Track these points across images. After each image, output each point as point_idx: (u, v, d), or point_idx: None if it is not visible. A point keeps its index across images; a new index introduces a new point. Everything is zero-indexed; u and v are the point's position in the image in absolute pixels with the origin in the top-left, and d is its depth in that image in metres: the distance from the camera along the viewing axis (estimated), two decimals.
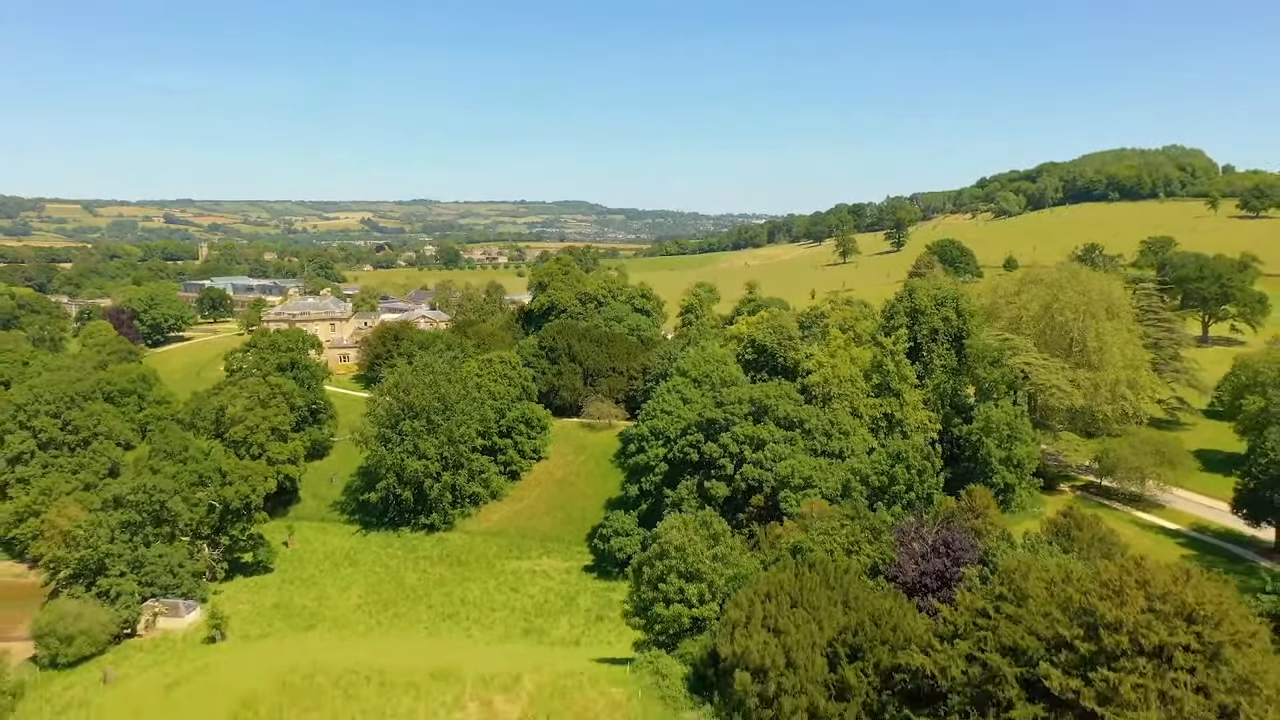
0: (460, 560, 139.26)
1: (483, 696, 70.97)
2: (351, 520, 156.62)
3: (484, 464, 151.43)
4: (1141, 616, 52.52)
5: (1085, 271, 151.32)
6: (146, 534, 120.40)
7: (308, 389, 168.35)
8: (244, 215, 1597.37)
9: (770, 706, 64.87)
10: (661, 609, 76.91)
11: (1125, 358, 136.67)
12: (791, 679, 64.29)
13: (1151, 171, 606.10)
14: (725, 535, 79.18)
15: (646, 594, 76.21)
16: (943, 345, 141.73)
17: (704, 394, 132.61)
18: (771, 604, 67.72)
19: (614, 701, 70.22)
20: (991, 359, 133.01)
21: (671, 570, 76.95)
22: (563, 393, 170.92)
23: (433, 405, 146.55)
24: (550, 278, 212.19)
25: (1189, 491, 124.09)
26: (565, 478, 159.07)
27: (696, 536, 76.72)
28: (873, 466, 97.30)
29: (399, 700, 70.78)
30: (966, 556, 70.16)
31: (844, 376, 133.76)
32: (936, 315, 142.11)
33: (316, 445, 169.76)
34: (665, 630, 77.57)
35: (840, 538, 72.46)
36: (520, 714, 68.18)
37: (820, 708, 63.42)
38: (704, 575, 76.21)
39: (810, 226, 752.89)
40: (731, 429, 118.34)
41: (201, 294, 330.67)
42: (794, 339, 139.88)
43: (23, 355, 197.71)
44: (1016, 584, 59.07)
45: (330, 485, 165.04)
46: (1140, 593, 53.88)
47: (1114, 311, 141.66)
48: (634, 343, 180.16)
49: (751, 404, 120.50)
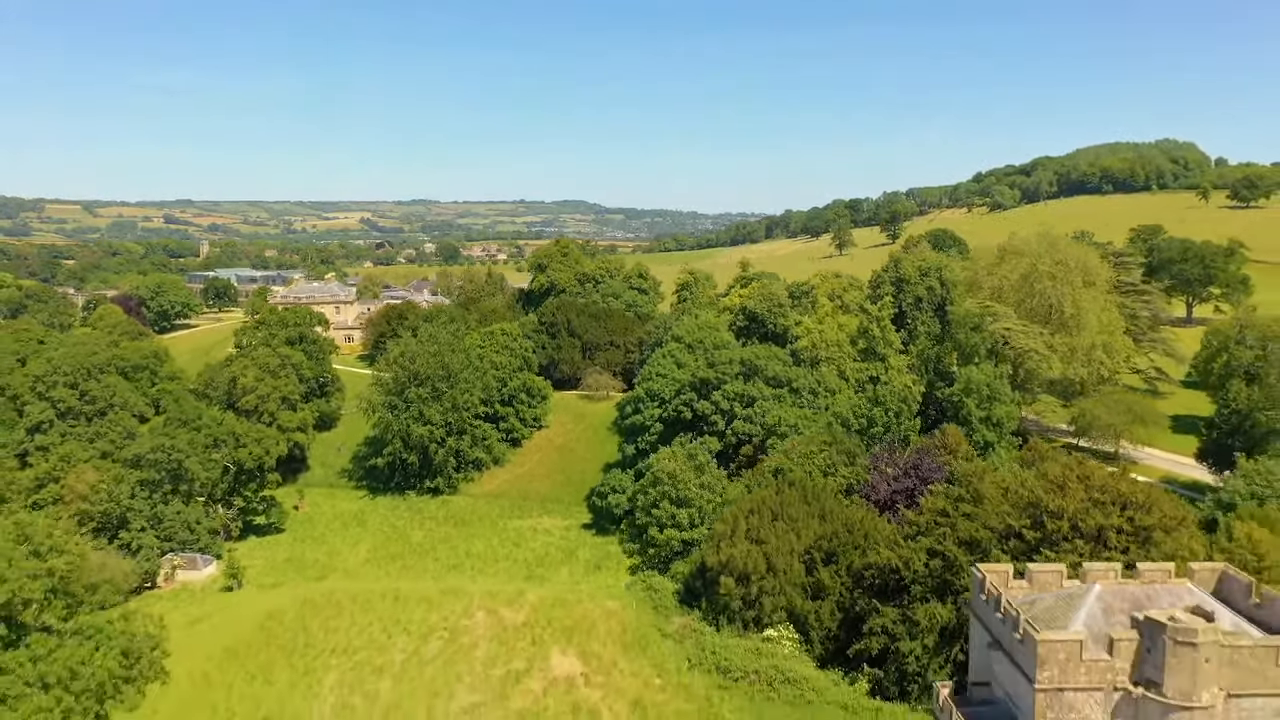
0: (464, 520, 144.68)
1: (489, 607, 76.80)
2: (359, 486, 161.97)
3: (486, 431, 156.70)
4: (1081, 505, 58.58)
5: (1063, 241, 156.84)
6: (165, 492, 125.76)
7: (315, 362, 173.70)
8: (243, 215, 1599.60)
9: (752, 607, 70.79)
10: (655, 533, 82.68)
11: (1101, 323, 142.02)
12: (772, 582, 70.20)
13: (1145, 164, 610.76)
14: (710, 466, 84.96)
15: (641, 520, 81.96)
16: (926, 313, 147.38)
17: (697, 358, 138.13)
18: (755, 518, 73.66)
19: (609, 610, 76.09)
20: (973, 325, 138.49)
21: (664, 497, 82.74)
22: (562, 366, 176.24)
23: (437, 374, 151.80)
24: (549, 259, 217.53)
25: (1160, 450, 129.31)
26: (565, 444, 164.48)
27: (686, 466, 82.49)
28: (852, 410, 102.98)
29: (412, 610, 76.50)
30: (934, 477, 76.04)
31: (831, 341, 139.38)
32: (921, 284, 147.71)
33: (324, 417, 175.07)
34: (658, 554, 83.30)
35: (818, 461, 78.34)
36: (524, 620, 74.01)
37: (798, 606, 69.38)
38: (693, 501, 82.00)
39: (807, 222, 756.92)
40: (723, 387, 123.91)
41: (206, 284, 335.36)
42: (784, 306, 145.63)
43: (38, 334, 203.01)
44: (974, 486, 65.03)
45: (338, 454, 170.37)
46: (1081, 486, 59.92)
47: (1090, 280, 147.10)
48: (631, 318, 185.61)
49: (742, 364, 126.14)
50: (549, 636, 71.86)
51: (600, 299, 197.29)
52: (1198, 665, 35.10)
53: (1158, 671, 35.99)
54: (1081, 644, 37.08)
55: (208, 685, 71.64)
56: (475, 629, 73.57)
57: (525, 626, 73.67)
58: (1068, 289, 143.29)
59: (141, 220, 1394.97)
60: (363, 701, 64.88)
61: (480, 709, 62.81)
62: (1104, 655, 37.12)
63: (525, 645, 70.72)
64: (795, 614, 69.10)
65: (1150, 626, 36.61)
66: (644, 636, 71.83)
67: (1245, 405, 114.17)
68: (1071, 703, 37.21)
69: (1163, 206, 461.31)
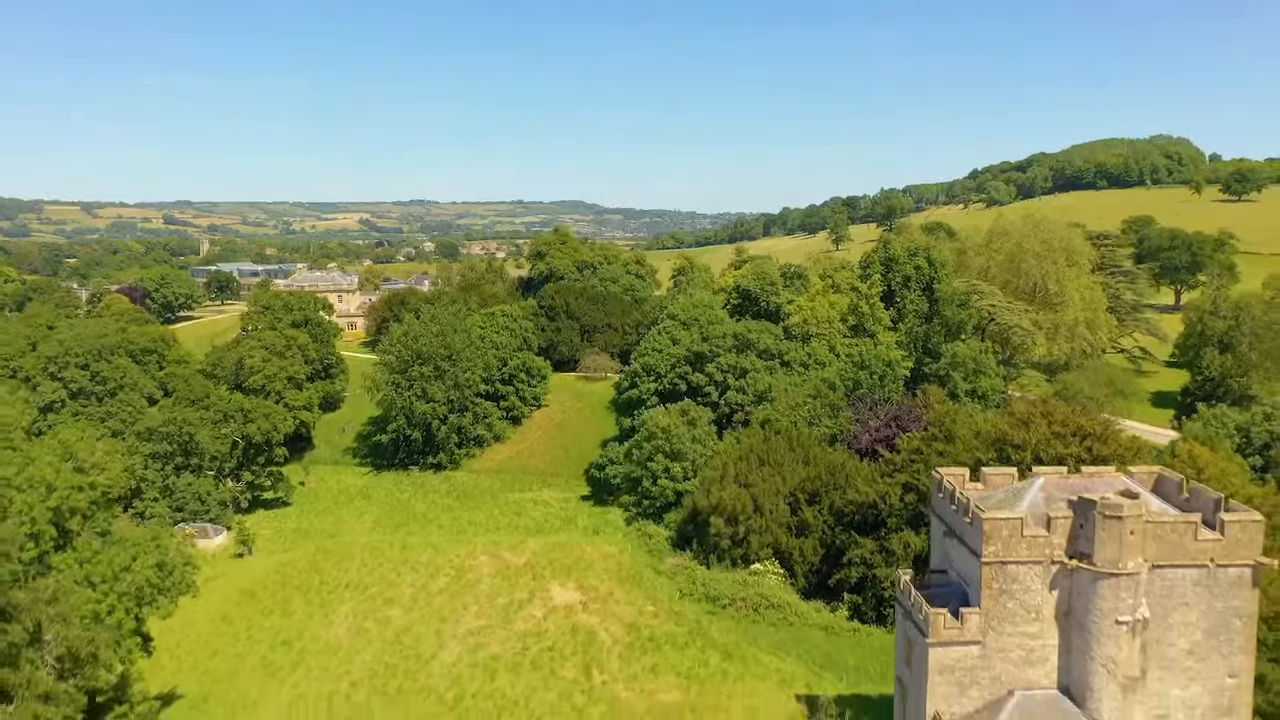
0: (466, 494, 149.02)
1: (492, 551, 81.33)
2: (364, 463, 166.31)
3: (488, 409, 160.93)
4: (1043, 437, 63.18)
5: (1048, 222, 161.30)
6: (176, 464, 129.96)
7: (320, 345, 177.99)
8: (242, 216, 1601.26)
9: (740, 545, 75.28)
10: (649, 485, 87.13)
11: (1085, 301, 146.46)
12: (759, 521, 74.69)
13: (1139, 160, 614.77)
14: (703, 422, 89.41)
15: (636, 472, 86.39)
16: (915, 291, 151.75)
17: (692, 334, 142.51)
18: (743, 464, 78.15)
19: (606, 553, 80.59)
20: (959, 302, 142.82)
21: (658, 451, 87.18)
22: (561, 348, 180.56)
23: (439, 353, 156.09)
24: (548, 247, 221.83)
25: (1139, 422, 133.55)
26: (563, 422, 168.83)
27: (679, 422, 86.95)
28: (839, 374, 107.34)
29: (419, 554, 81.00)
30: (913, 427, 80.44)
31: (822, 318, 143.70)
32: (909, 264, 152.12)
33: (329, 398, 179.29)
34: (653, 505, 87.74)
35: (803, 412, 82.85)
36: (525, 561, 78.49)
37: (783, 543, 73.87)
38: (686, 454, 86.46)
39: (804, 219, 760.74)
40: (716, 359, 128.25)
41: (209, 277, 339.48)
42: (776, 285, 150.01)
43: (47, 319, 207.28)
44: (946, 426, 69.52)
45: (342, 434, 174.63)
46: (1044, 421, 64.54)
47: (1074, 259, 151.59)
48: (628, 302, 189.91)
49: (735, 338, 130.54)
50: (549, 573, 76.37)
51: (599, 283, 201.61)
52: (1124, 537, 39.51)
53: (1089, 544, 40.41)
54: (1022, 521, 41.55)
55: (227, 622, 76.12)
56: (479, 568, 78.03)
57: (526, 566, 78.13)
58: (1051, 267, 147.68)
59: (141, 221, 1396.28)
60: (375, 625, 69.37)
61: (485, 631, 67.27)
62: (1042, 531, 41.59)
63: (527, 580, 75.22)
64: (780, 550, 73.52)
65: (1082, 505, 41.05)
66: (639, 573, 76.33)
67: (1218, 373, 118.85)
68: (1014, 574, 41.67)
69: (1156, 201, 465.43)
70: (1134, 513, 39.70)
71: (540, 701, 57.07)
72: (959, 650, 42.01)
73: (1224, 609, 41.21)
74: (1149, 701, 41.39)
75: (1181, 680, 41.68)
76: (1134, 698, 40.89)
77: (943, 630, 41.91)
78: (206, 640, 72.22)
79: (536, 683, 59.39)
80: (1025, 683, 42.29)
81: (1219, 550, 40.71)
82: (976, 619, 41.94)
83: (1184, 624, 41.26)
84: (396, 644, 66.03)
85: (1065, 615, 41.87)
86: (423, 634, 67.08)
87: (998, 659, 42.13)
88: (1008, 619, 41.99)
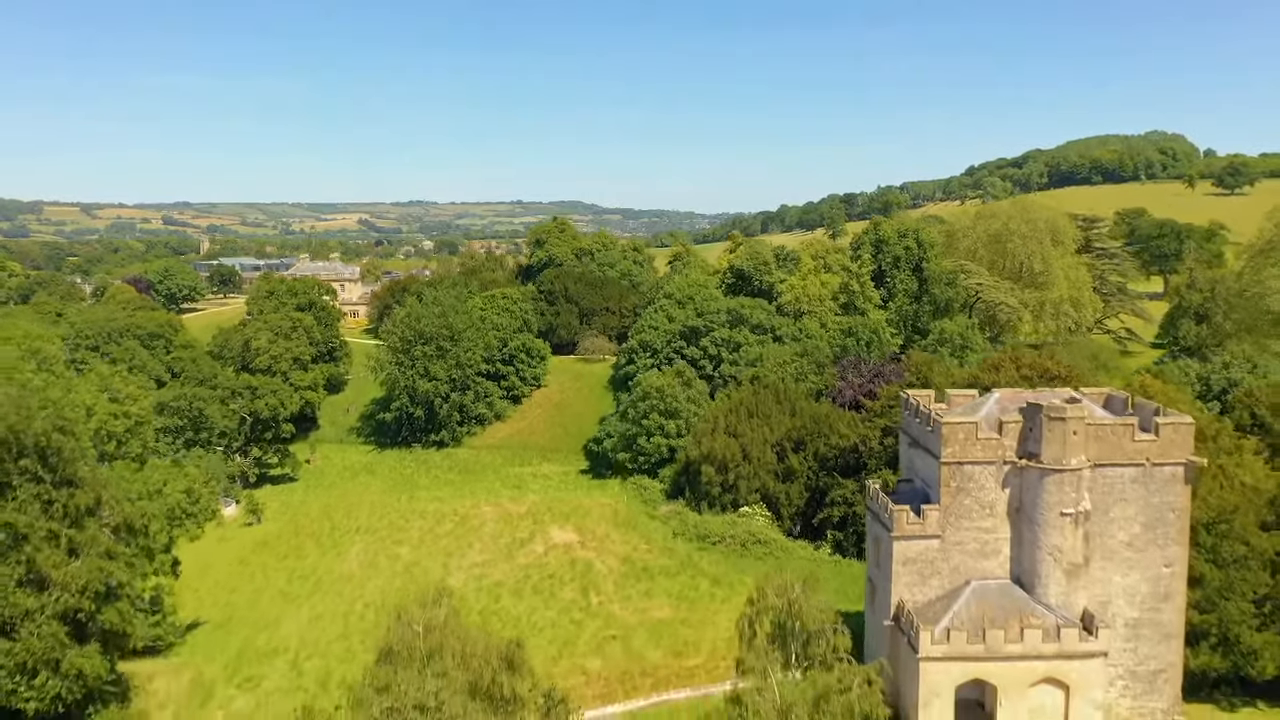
0: (468, 469, 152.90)
1: (495, 503, 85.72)
2: (368, 441, 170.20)
3: (488, 388, 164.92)
4: (1011, 379, 67.45)
5: (1033, 204, 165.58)
6: (187, 438, 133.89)
7: (325, 328, 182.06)
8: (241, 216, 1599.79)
9: (730, 491, 79.54)
10: (644, 441, 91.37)
11: (1070, 280, 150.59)
12: (747, 469, 78.94)
13: (1134, 155, 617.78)
14: (696, 382, 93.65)
15: (631, 430, 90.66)
16: (904, 271, 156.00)
17: (687, 312, 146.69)
18: (733, 415, 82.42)
19: (603, 503, 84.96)
20: (947, 280, 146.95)
21: (653, 409, 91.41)
22: (560, 331, 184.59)
23: (441, 333, 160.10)
24: (547, 235, 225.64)
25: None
26: (563, 401, 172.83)
27: (674, 382, 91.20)
28: (828, 341, 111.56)
29: (425, 505, 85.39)
30: (896, 381, 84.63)
31: (814, 296, 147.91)
32: (899, 244, 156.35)
33: (333, 380, 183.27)
34: (648, 460, 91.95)
35: (790, 369, 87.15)
36: (526, 510, 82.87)
37: (770, 488, 78.12)
38: (680, 412, 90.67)
39: (802, 216, 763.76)
40: (711, 334, 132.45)
41: (212, 271, 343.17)
42: (769, 265, 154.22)
43: (55, 308, 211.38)
44: (923, 374, 73.72)
45: (346, 414, 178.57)
46: (1013, 365, 68.89)
47: (1059, 239, 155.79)
48: (626, 286, 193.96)
49: (729, 313, 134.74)
50: (549, 519, 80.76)
51: (596, 269, 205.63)
52: (1067, 437, 43.72)
53: (1037, 445, 44.65)
54: (977, 425, 45.84)
55: (244, 565, 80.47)
56: (483, 515, 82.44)
57: (527, 514, 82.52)
58: (1037, 247, 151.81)
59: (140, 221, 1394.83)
60: (386, 560, 73.71)
61: (489, 564, 71.62)
62: (994, 435, 45.87)
63: (528, 524, 79.60)
64: (768, 495, 77.75)
65: (1031, 409, 45.32)
66: (634, 518, 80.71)
67: (1194, 342, 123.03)
68: (970, 474, 45.95)
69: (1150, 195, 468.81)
70: (1076, 414, 43.97)
71: (541, 618, 61.39)
72: (921, 544, 46.28)
73: (1159, 504, 45.50)
74: (1092, 588, 45.65)
75: (1122, 569, 45.97)
76: (1078, 583, 45.14)
77: (905, 525, 46.20)
78: (225, 581, 76.47)
79: (538, 604, 63.73)
80: (981, 573, 46.60)
81: (1154, 450, 45.00)
82: (936, 515, 46.20)
83: (1123, 518, 45.54)
84: (406, 574, 70.35)
85: (1016, 511, 46.16)
86: (430, 566, 71.40)
87: (955, 551, 46.42)
88: (964, 515, 46.29)
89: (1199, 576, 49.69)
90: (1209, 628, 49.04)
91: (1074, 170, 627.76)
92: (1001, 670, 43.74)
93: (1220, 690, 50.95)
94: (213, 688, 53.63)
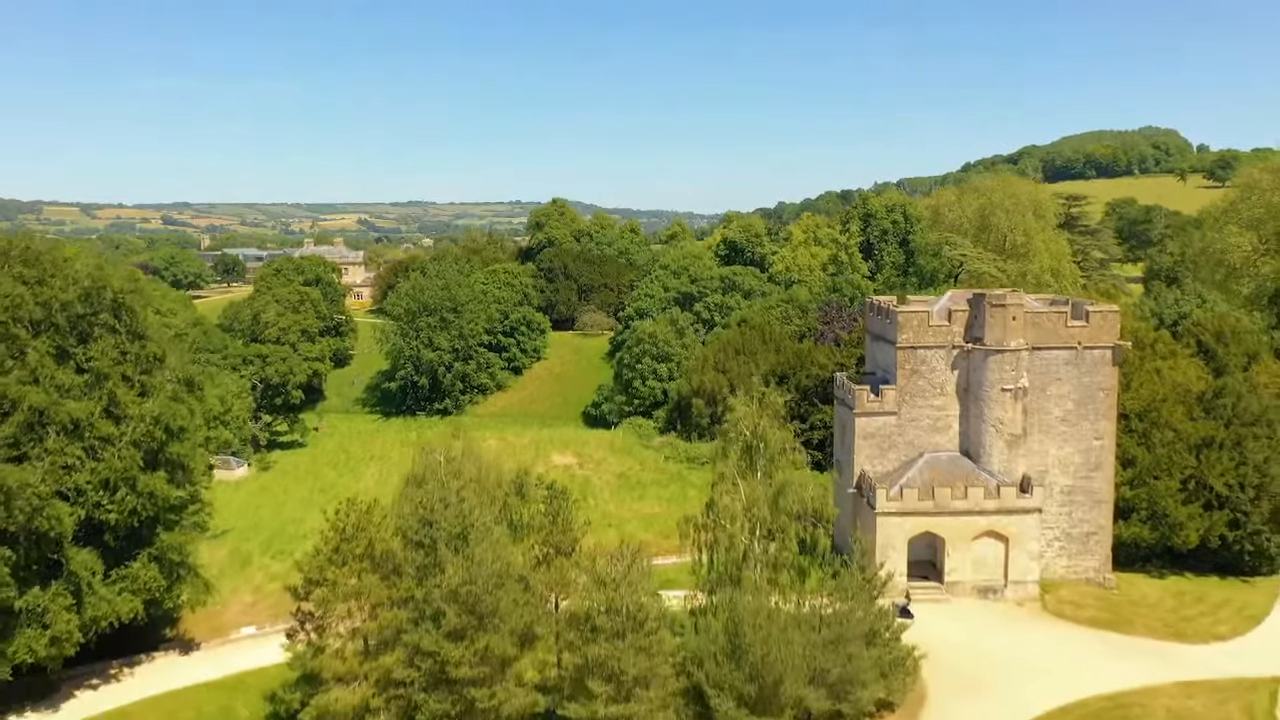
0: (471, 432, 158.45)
1: (500, 437, 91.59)
2: (373, 411, 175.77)
3: (490, 359, 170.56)
4: None
5: (1016, 180, 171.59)
6: None
7: (331, 303, 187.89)
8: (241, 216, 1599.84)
9: (718, 423, 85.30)
10: (639, 385, 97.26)
11: (1051, 251, 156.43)
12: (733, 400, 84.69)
13: (1127, 150, 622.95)
14: (688, 330, 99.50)
15: (627, 374, 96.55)
16: (892, 244, 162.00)
17: (682, 281, 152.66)
18: (722, 354, 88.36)
19: (602, 438, 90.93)
20: (933, 252, 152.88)
21: (646, 354, 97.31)
22: (559, 307, 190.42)
23: (445, 305, 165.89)
24: (546, 217, 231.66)
25: None
26: (562, 373, 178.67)
27: (668, 330, 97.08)
28: (812, 294, 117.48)
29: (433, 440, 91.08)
30: None
31: (804, 266, 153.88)
32: (886, 218, 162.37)
33: (339, 354, 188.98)
34: (643, 402, 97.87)
35: (776, 313, 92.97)
36: (528, 441, 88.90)
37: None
38: (672, 356, 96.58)
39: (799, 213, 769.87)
40: (704, 299, 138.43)
41: (216, 260, 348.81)
42: (761, 237, 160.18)
43: None
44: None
45: (352, 386, 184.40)
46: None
47: (1040, 213, 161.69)
48: (623, 264, 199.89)
49: (722, 280, 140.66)
50: (550, 447, 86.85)
51: (595, 247, 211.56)
52: (1007, 322, 49.60)
53: (981, 329, 50.52)
54: (929, 314, 51.82)
55: (265, 491, 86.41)
56: (487, 445, 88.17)
57: (530, 443, 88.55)
58: (1019, 220, 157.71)
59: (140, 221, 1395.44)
60: (400, 480, 79.30)
61: None
62: (945, 322, 51.82)
63: (530, 452, 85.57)
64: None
65: (976, 299, 51.27)
66: (629, 447, 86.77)
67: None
68: (923, 357, 51.85)
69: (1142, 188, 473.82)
70: (1015, 302, 49.91)
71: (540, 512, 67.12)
72: (879, 420, 52.19)
73: (1090, 383, 51.39)
74: (1031, 458, 51.50)
75: (1057, 441, 51.86)
76: (1018, 452, 50.99)
77: (866, 403, 52.14)
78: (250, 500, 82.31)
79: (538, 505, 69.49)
80: (933, 446, 52.49)
81: (1085, 335, 50.91)
82: (893, 394, 52.10)
83: (1058, 395, 51.44)
84: None
85: (964, 390, 52.04)
86: None
87: (910, 427, 52.32)
88: (918, 394, 52.19)
89: (1132, 459, 55.53)
90: (1139, 503, 54.86)
91: (1069, 165, 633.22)
92: (948, 524, 49.56)
93: (1151, 563, 56.78)
94: (250, 557, 59.42)
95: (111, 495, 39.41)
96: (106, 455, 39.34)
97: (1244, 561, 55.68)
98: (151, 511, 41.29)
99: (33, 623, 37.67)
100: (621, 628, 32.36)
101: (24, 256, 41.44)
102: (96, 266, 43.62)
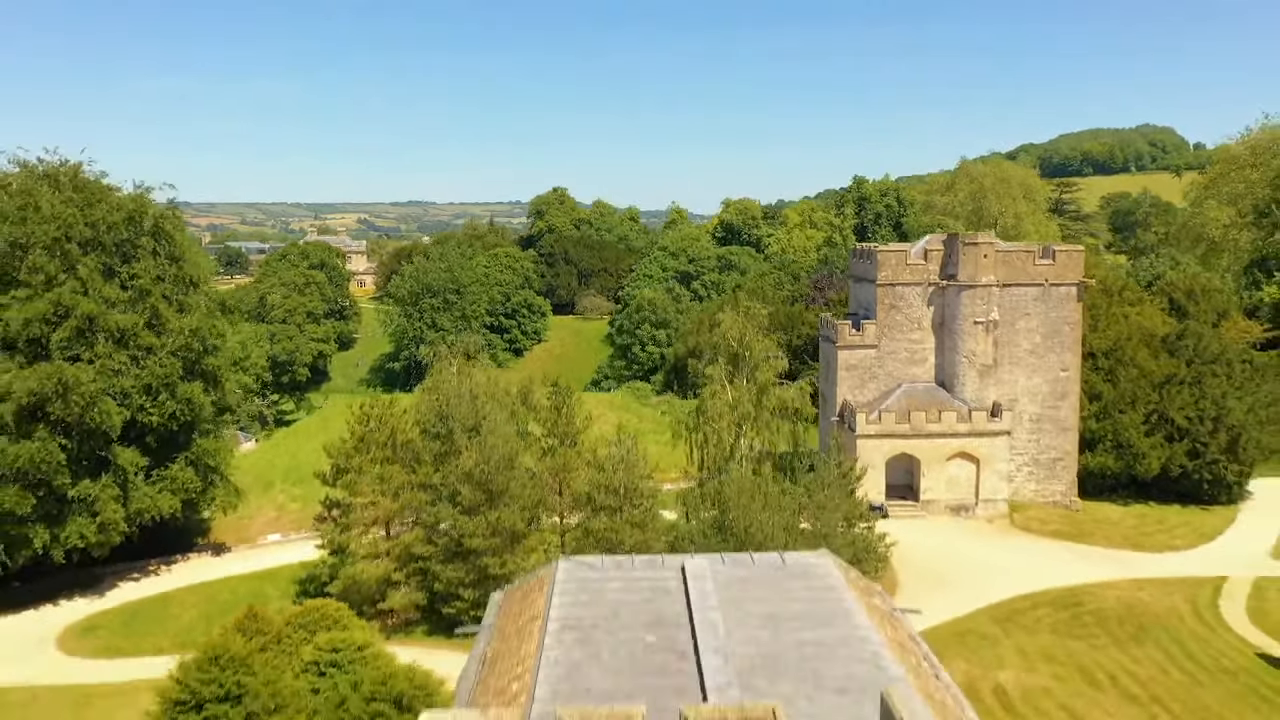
0: None
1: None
2: (378, 391, 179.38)
3: (492, 340, 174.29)
4: None
5: (1008, 165, 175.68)
6: None
7: (336, 287, 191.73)
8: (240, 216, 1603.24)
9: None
10: (638, 350, 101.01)
11: (1039, 233, 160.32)
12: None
13: (1124, 148, 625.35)
14: (685, 299, 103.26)
15: (625, 340, 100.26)
16: (885, 227, 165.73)
17: (680, 262, 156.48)
18: (716, 315, 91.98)
19: (601, 398, 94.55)
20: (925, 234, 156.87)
21: (644, 320, 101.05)
22: (560, 291, 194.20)
23: (448, 286, 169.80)
24: (547, 205, 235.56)
25: None
26: (563, 354, 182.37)
27: (665, 298, 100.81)
28: (804, 266, 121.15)
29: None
30: None
31: (799, 248, 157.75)
32: (880, 202, 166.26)
33: (343, 337, 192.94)
34: (641, 368, 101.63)
35: (769, 280, 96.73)
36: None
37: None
38: (670, 323, 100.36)
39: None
40: (701, 277, 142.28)
41: (219, 252, 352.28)
42: (757, 220, 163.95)
43: None
44: None
45: (356, 368, 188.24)
46: None
47: (1030, 197, 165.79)
48: (623, 249, 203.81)
49: (718, 260, 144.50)
50: None
51: (594, 233, 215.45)
52: (979, 259, 53.39)
53: (955, 267, 54.32)
54: (906, 253, 55.68)
55: (275, 449, 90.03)
56: None
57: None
58: (1010, 203, 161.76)
59: None
60: None
61: None
62: (921, 261, 55.65)
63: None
64: None
65: (950, 239, 55.11)
66: (627, 404, 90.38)
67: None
68: (901, 294, 55.67)
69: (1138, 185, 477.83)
70: (986, 240, 53.74)
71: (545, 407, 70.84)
72: (860, 352, 56.04)
73: (1056, 318, 55.20)
74: (1001, 387, 55.30)
75: (1026, 372, 55.67)
76: (989, 381, 54.79)
77: (848, 336, 55.98)
78: (262, 455, 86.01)
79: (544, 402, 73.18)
80: (910, 377, 56.34)
81: (1051, 273, 54.73)
82: (873, 328, 55.95)
83: (1027, 329, 55.25)
84: None
85: (939, 326, 55.87)
86: None
87: (889, 359, 56.17)
88: (897, 329, 56.02)
89: (1099, 394, 59.31)
90: (1105, 434, 58.61)
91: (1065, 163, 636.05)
92: (923, 445, 53.33)
93: (1117, 493, 60.53)
94: (272, 482, 63.16)
95: (154, 399, 43.23)
96: (149, 363, 43.16)
97: (1203, 490, 59.41)
98: (189, 416, 45.13)
99: (83, 511, 41.52)
100: (619, 504, 36.02)
101: (74, 182, 45.32)
102: (139, 195, 47.53)
